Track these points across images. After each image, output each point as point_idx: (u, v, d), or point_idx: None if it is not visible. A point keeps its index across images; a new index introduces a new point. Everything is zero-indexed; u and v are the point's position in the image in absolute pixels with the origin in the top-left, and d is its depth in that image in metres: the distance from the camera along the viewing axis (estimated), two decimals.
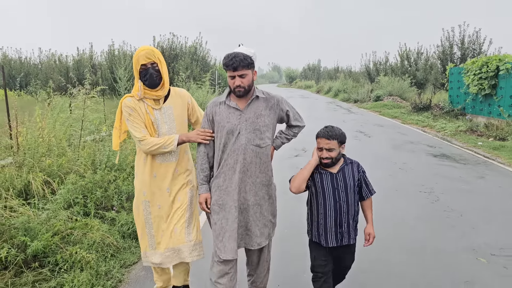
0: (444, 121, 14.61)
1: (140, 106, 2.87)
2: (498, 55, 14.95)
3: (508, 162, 8.34)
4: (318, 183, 2.79)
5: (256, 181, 2.75)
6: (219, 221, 2.73)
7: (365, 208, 2.89)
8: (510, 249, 4.16)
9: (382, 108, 20.33)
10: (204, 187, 2.80)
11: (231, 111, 2.71)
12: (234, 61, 2.58)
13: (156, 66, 2.83)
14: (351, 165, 2.82)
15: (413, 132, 12.98)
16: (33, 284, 3.21)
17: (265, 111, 2.75)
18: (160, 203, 2.94)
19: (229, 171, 2.70)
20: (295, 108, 3.01)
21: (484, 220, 4.98)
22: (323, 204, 2.76)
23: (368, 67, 33.00)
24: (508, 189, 6.36)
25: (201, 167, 2.81)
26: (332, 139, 2.68)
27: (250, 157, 2.69)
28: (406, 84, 23.97)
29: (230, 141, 2.68)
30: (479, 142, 10.59)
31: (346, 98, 28.14)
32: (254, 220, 2.77)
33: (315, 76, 58.32)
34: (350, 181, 2.77)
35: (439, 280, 3.57)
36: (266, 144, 2.75)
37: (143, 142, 2.80)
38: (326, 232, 2.76)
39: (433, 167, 7.84)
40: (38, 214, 3.74)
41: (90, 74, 9.71)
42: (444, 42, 22.16)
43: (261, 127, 2.71)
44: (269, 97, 2.81)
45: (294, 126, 2.99)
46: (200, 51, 28.61)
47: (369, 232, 2.83)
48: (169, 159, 2.93)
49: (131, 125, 2.86)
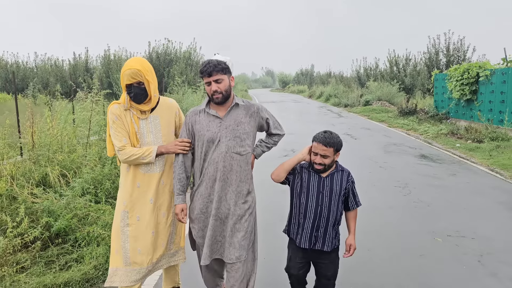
0: (428, 125, 15.33)
1: (125, 114, 2.84)
2: (478, 62, 15.75)
3: (481, 162, 9.05)
4: (304, 182, 2.81)
5: (236, 190, 2.73)
6: (206, 229, 2.75)
7: (349, 218, 2.90)
8: (464, 232, 4.82)
9: (371, 112, 21.07)
10: (181, 198, 2.77)
11: (211, 119, 2.72)
12: (208, 67, 2.63)
13: (142, 85, 2.77)
14: (342, 172, 2.82)
15: (397, 135, 13.69)
16: (58, 257, 3.82)
17: (245, 118, 2.76)
18: (140, 214, 2.84)
19: (209, 179, 2.70)
20: (275, 117, 3.05)
21: (447, 210, 5.65)
22: (304, 204, 2.78)
23: (359, 73, 33.87)
24: (474, 185, 7.05)
25: (178, 177, 2.78)
26: (329, 146, 2.67)
27: (230, 165, 2.69)
28: (394, 90, 24.77)
29: (211, 149, 2.69)
30: (457, 144, 11.31)
31: (337, 103, 28.91)
32: (234, 232, 2.72)
33: (308, 81, 59.18)
34: (336, 188, 2.76)
35: (399, 254, 4.23)
36: (246, 151, 2.76)
37: (122, 152, 2.76)
38: (302, 232, 2.80)
39: (411, 166, 8.52)
40: (59, 200, 4.34)
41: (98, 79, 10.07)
42: (431, 49, 23.02)
43: (241, 135, 2.72)
44: (249, 104, 2.83)
45: (274, 135, 3.01)
46: (195, 56, 29.16)
47: (351, 243, 2.84)
48: (153, 170, 2.88)
49: (114, 132, 2.81)
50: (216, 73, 2.62)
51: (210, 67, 2.62)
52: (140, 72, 2.73)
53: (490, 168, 8.45)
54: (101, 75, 25.83)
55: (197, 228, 2.79)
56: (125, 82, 2.74)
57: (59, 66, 28.79)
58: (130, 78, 2.72)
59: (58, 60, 29.84)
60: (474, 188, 6.82)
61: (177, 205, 2.76)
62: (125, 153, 2.76)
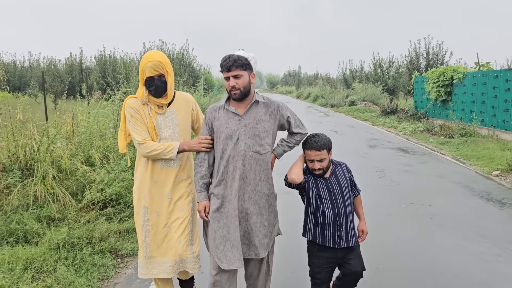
0: (407, 123, 16.76)
1: (143, 109, 2.83)
2: (452, 66, 17.31)
3: (448, 153, 10.45)
4: (313, 188, 2.79)
5: (255, 189, 2.67)
6: (220, 230, 2.67)
7: (356, 205, 2.98)
8: (423, 201, 6.13)
9: (356, 112, 22.49)
10: (203, 195, 2.73)
11: (230, 116, 2.66)
12: (228, 61, 2.56)
13: (163, 77, 2.76)
14: (340, 166, 2.88)
15: (378, 132, 15.07)
16: (114, 214, 5.01)
17: (265, 116, 2.68)
18: (158, 209, 2.86)
19: (228, 178, 2.65)
20: (297, 115, 2.96)
21: (413, 187, 6.97)
22: (321, 207, 2.76)
23: (345, 74, 35.38)
24: (438, 170, 8.40)
25: (201, 174, 2.74)
26: (322, 149, 2.68)
27: (250, 164, 2.63)
28: (378, 91, 26.27)
29: (229, 147, 2.62)
30: (430, 139, 12.72)
31: (324, 103, 30.31)
32: (254, 231, 2.69)
33: (296, 82, 60.70)
34: (343, 183, 2.80)
35: (372, 214, 5.50)
36: (266, 150, 2.68)
37: (143, 146, 2.74)
38: (324, 232, 2.77)
39: (388, 157, 9.86)
40: (108, 173, 5.53)
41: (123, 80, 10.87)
42: (412, 53, 24.53)
43: (260, 133, 2.64)
44: (270, 102, 2.75)
45: (295, 134, 2.91)
46: (187, 57, 30.16)
47: (362, 228, 2.91)
48: (170, 165, 2.87)
49: (132, 126, 2.79)
50: (236, 68, 2.56)
51: (230, 62, 2.56)
52: (162, 64, 2.72)
53: (455, 158, 9.85)
54: (98, 76, 26.76)
55: (211, 228, 2.71)
56: (147, 74, 2.71)
57: (56, 65, 29.60)
58: (153, 71, 2.70)
59: (55, 60, 30.69)
60: (438, 173, 8.17)
61: (200, 202, 2.73)
62: (147, 147, 2.73)
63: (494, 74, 13.41)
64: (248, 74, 2.64)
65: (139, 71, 2.77)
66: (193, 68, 30.44)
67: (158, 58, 2.72)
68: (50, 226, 4.43)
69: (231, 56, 2.59)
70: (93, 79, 25.73)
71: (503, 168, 8.10)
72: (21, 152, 5.35)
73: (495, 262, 4.12)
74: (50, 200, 4.78)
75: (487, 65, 16.18)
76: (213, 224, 2.68)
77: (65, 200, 4.85)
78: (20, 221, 4.28)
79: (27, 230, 4.19)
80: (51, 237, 3.97)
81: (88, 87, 19.97)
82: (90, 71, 29.15)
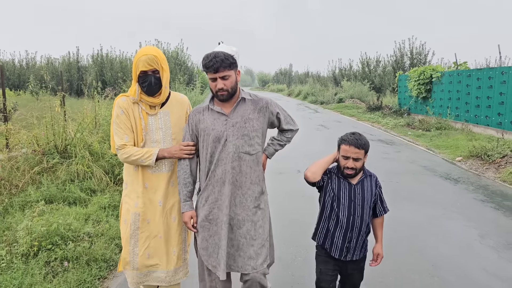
0: (390, 118, 18.05)
1: (133, 109, 2.67)
2: (431, 65, 18.64)
3: (422, 144, 11.73)
4: (334, 189, 2.62)
5: (247, 193, 2.51)
6: (211, 238, 2.53)
7: (376, 225, 2.75)
8: (392, 179, 7.35)
9: (343, 108, 23.77)
10: (188, 204, 2.58)
11: (216, 117, 2.50)
12: (214, 62, 2.34)
13: (158, 74, 2.60)
14: (370, 178, 2.67)
15: (363, 126, 16.34)
16: None
17: (253, 114, 2.52)
18: (149, 217, 2.70)
19: (217, 182, 2.49)
20: (286, 111, 2.79)
21: (387, 170, 8.20)
22: (336, 212, 2.60)
23: (334, 73, 36.70)
24: (411, 157, 9.66)
25: (184, 181, 2.58)
26: (361, 148, 2.51)
27: (239, 166, 2.47)
28: (365, 89, 27.60)
29: (217, 149, 2.46)
30: (409, 132, 14.00)
31: (314, 100, 31.56)
32: (248, 239, 2.50)
33: (287, 80, 61.97)
34: (368, 196, 2.60)
35: None
36: (256, 150, 2.52)
37: (121, 151, 2.61)
38: (333, 240, 2.63)
39: None
40: None
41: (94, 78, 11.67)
42: (397, 53, 25.90)
43: (250, 132, 2.48)
44: (257, 99, 2.59)
45: (286, 131, 2.77)
46: (182, 56, 31.15)
47: (378, 252, 2.70)
48: (161, 170, 2.70)
49: (116, 128, 2.65)
50: (224, 69, 2.36)
51: (217, 62, 2.34)
52: (157, 58, 2.57)
53: (427, 147, 11.13)
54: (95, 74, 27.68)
55: (201, 237, 2.56)
56: (141, 68, 2.56)
57: (53, 63, 30.46)
58: (147, 65, 2.55)
59: (51, 58, 31.55)
60: (410, 159, 9.42)
61: (185, 212, 2.57)
62: (126, 152, 2.60)
63: (467, 73, 14.72)
64: (235, 73, 2.47)
65: (133, 65, 2.61)
66: (187, 66, 31.46)
67: (153, 52, 2.58)
68: (91, 195, 5.58)
69: (217, 56, 2.36)
70: (92, 78, 26.61)
71: (465, 154, 9.39)
72: (58, 139, 6.47)
73: (442, 219, 5.35)
74: (88, 177, 5.92)
75: (464, 64, 17.53)
76: (203, 233, 2.54)
77: (101, 176, 5.99)
78: (69, 191, 5.43)
79: (76, 197, 5.33)
80: (97, 201, 5.14)
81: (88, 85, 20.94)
82: (86, 69, 30.05)
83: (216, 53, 2.38)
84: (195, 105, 15.98)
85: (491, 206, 5.94)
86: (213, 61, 2.35)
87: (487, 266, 4.01)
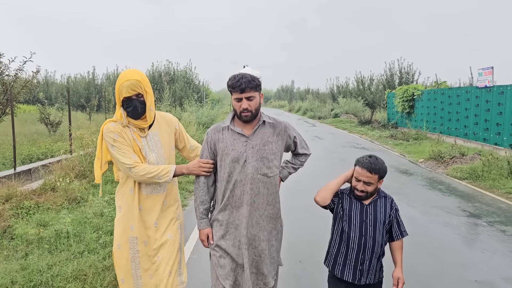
0: (378, 131, 20.44)
1: (126, 132, 2.61)
2: (413, 84, 21.17)
3: (398, 150, 14.10)
4: (346, 209, 2.57)
5: (263, 214, 2.53)
6: (228, 257, 2.53)
7: (395, 249, 2.60)
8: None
9: (338, 123, 26.25)
10: (204, 222, 2.59)
11: (236, 137, 2.51)
12: (241, 82, 2.38)
13: (141, 97, 2.56)
14: (385, 199, 2.60)
15: (352, 137, 18.74)
16: None
17: (273, 137, 2.55)
18: (146, 238, 2.66)
19: (235, 203, 2.50)
20: (301, 135, 2.82)
21: None
22: (347, 233, 2.54)
23: (332, 90, 39.28)
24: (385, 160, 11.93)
25: (201, 199, 2.59)
26: (374, 173, 2.46)
27: (257, 188, 2.48)
28: (359, 105, 30.05)
29: (236, 170, 2.47)
30: (389, 142, 16.39)
31: (312, 116, 34.05)
32: (262, 258, 2.54)
33: (288, 96, 64.75)
34: (380, 216, 2.53)
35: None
36: (274, 173, 2.54)
37: (135, 169, 2.51)
38: (345, 263, 2.55)
39: (351, 152, 13.47)
40: None
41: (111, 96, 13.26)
42: (387, 72, 28.40)
43: (268, 155, 2.50)
44: (276, 122, 2.62)
45: (300, 155, 2.81)
46: (190, 75, 33.46)
47: (398, 276, 2.51)
48: (157, 190, 2.67)
49: (118, 151, 2.55)
50: (250, 89, 2.40)
51: (244, 83, 2.38)
52: (140, 83, 2.52)
53: (401, 153, 13.51)
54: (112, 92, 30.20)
55: (217, 256, 2.55)
56: (124, 95, 2.51)
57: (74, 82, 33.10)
58: (130, 90, 2.49)
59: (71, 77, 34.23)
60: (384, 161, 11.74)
61: (202, 230, 2.59)
62: (141, 169, 2.51)
63: (441, 91, 17.16)
64: (259, 95, 2.51)
65: (116, 91, 2.56)
66: (195, 84, 33.88)
67: (136, 76, 2.52)
68: None
69: (245, 76, 2.42)
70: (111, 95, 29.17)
71: (426, 157, 11.75)
72: None
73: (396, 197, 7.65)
74: None
75: (444, 83, 20.00)
76: (220, 251, 2.54)
77: None
78: None
79: None
80: None
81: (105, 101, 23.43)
82: (102, 87, 32.59)
83: (243, 74, 2.44)
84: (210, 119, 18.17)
85: (427, 188, 8.28)
86: (240, 82, 2.39)
87: (412, 219, 6.33)
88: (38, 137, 12.59)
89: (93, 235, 4.79)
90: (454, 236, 5.43)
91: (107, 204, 6.00)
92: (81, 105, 27.47)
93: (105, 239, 4.69)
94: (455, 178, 9.32)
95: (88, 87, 31.50)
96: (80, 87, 31.68)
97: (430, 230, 5.70)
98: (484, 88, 13.33)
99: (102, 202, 6.00)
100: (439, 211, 6.65)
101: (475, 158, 10.37)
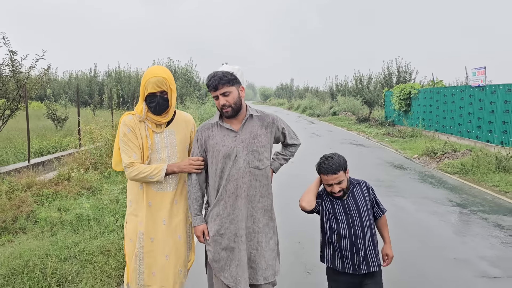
0: (375, 129, 20.93)
1: (140, 127, 2.66)
2: (410, 83, 21.63)
3: (393, 147, 14.59)
4: (329, 210, 2.66)
5: (257, 206, 2.59)
6: (223, 251, 2.57)
7: (380, 227, 2.77)
8: (361, 171, 10.15)
9: (337, 120, 26.72)
10: (199, 218, 2.63)
11: (225, 133, 2.57)
12: (213, 80, 2.47)
13: (166, 95, 2.61)
14: (359, 185, 2.71)
15: (350, 135, 19.23)
16: None
17: (261, 130, 2.61)
18: (153, 235, 2.68)
19: (229, 197, 2.54)
20: (290, 126, 2.89)
21: (358, 163, 11.00)
22: (337, 231, 2.62)
23: (331, 88, 39.72)
24: (381, 156, 12.50)
25: (194, 196, 2.63)
26: (338, 171, 2.54)
27: (250, 181, 2.55)
28: (358, 103, 30.53)
29: (228, 165, 2.53)
30: (386, 139, 16.87)
31: (311, 113, 34.52)
32: (259, 251, 2.58)
33: (287, 94, 65.19)
34: (362, 203, 2.64)
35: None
36: (265, 165, 2.61)
37: (130, 169, 2.59)
38: (342, 258, 2.63)
39: (348, 148, 13.96)
40: None
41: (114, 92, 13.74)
42: (385, 71, 28.85)
43: (258, 148, 2.57)
44: (264, 115, 2.68)
45: (290, 145, 2.87)
46: (191, 73, 33.90)
47: (387, 252, 2.70)
48: (165, 188, 2.70)
49: (123, 146, 2.65)
50: (222, 86, 2.47)
51: (215, 80, 2.47)
52: (166, 80, 2.58)
53: (396, 150, 14.00)
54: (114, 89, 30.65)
55: (212, 251, 2.60)
56: (149, 90, 2.57)
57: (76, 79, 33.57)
58: (155, 87, 2.56)
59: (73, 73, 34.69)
60: (379, 156, 12.25)
61: (197, 226, 2.63)
62: (134, 170, 2.59)
63: (437, 90, 17.65)
64: (237, 89, 2.55)
65: (141, 85, 2.63)
66: (196, 82, 34.35)
67: (162, 74, 2.59)
68: None
69: (216, 74, 2.49)
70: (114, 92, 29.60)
71: (420, 153, 12.25)
72: None
73: (381, 187, 8.15)
74: None
75: (440, 82, 20.48)
76: (215, 247, 2.58)
77: None
78: None
79: None
80: None
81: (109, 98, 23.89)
82: (103, 84, 33.06)
83: (215, 73, 2.51)
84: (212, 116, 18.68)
85: (419, 181, 8.79)
86: (211, 80, 2.48)
87: (403, 208, 6.82)
88: (46, 132, 13.05)
89: (111, 218, 5.27)
90: (439, 223, 5.92)
91: (121, 192, 6.47)
92: (83, 101, 27.95)
93: (122, 222, 5.16)
94: (446, 172, 9.82)
95: (90, 84, 31.97)
96: (82, 84, 32.13)
97: (418, 217, 6.19)
98: (477, 87, 13.83)
99: (116, 190, 6.48)
100: (428, 201, 7.14)
101: (465, 154, 10.87)
